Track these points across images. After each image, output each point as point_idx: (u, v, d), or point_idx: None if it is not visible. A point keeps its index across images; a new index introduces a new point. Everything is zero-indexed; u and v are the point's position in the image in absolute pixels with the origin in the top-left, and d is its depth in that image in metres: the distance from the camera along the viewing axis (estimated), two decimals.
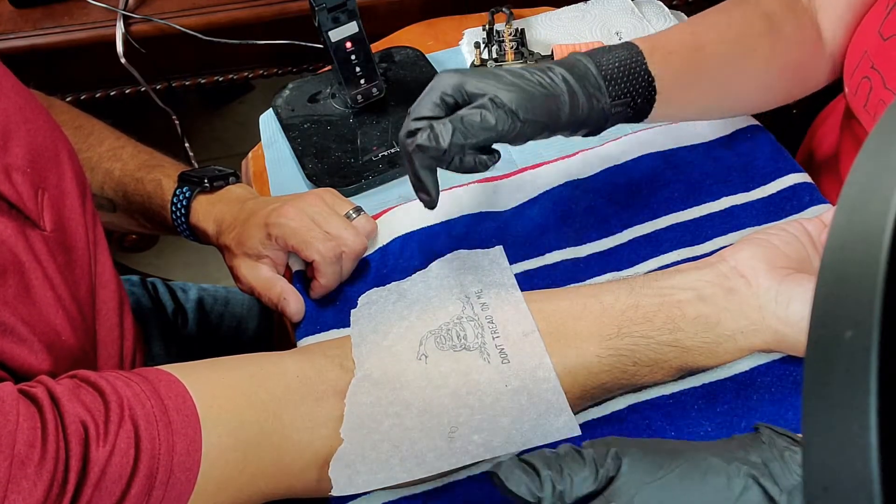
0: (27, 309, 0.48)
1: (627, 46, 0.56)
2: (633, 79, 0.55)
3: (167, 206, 0.70)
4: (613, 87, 0.55)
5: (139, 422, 0.42)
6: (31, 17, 1.00)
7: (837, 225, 0.19)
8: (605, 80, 0.54)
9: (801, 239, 0.54)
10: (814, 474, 0.18)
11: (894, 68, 0.57)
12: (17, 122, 0.53)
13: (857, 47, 0.61)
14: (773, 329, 0.50)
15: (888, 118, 0.19)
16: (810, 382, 0.18)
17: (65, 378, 0.44)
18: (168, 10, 1.00)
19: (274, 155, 0.79)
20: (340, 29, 0.72)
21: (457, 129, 0.49)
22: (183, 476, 0.43)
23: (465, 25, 0.89)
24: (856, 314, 0.17)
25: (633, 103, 0.56)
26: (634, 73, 0.55)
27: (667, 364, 0.51)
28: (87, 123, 0.74)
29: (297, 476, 0.49)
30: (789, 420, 0.52)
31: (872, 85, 0.59)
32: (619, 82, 0.55)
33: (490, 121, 0.50)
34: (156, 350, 0.83)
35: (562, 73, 0.53)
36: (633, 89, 0.55)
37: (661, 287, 0.53)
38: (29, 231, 0.50)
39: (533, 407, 0.49)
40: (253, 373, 0.50)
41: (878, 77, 0.58)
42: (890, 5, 0.58)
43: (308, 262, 0.63)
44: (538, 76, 0.52)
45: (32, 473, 0.38)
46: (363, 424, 0.49)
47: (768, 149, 0.70)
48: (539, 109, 0.51)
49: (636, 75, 0.55)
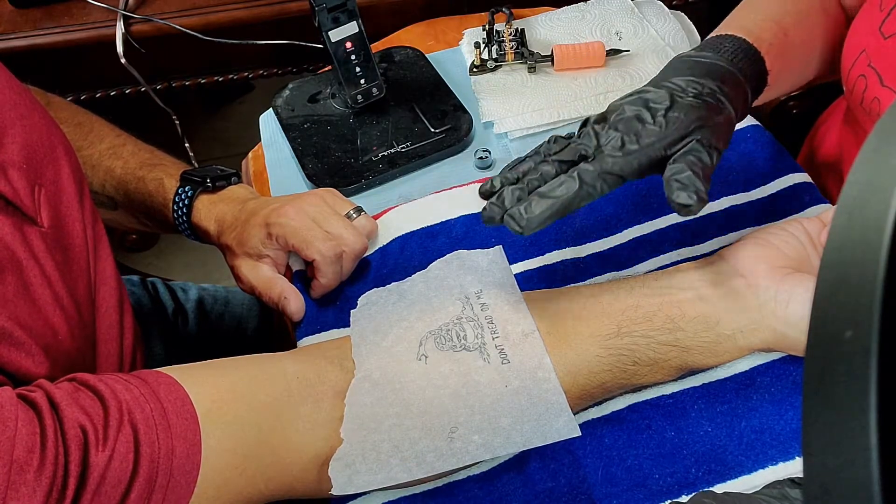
0: (25, 308, 0.48)
1: (747, 46, 0.56)
2: (759, 78, 0.56)
3: (169, 204, 0.70)
4: (752, 87, 0.56)
5: (138, 426, 0.42)
6: (31, 17, 1.00)
7: (837, 225, 0.19)
8: (749, 83, 0.55)
9: (801, 239, 0.54)
10: (814, 474, 0.18)
11: (893, 66, 0.57)
12: (13, 119, 0.52)
13: (854, 45, 0.62)
14: (772, 328, 0.50)
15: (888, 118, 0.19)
16: (810, 382, 0.18)
17: (63, 382, 0.44)
18: (168, 10, 1.00)
19: (274, 155, 0.79)
20: (340, 29, 0.72)
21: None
22: (183, 479, 0.43)
23: (465, 25, 0.89)
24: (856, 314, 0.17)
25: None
26: (760, 76, 0.56)
27: (667, 364, 0.51)
28: (87, 120, 0.74)
29: (298, 477, 0.49)
30: (789, 420, 0.52)
31: (868, 83, 0.59)
32: (752, 85, 0.56)
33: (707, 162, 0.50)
34: (156, 350, 0.83)
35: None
36: (756, 86, 0.57)
37: (660, 287, 0.53)
38: (26, 228, 0.50)
39: (533, 407, 0.49)
40: (252, 374, 0.50)
41: (875, 75, 0.58)
42: (892, 4, 0.58)
43: (308, 261, 0.63)
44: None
45: (32, 479, 0.37)
46: (363, 425, 0.49)
47: (768, 149, 0.70)
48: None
49: (761, 76, 0.56)
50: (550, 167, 0.50)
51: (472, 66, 0.83)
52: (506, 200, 0.49)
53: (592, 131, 0.51)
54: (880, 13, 0.59)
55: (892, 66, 0.57)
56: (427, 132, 0.76)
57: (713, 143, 0.50)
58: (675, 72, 0.53)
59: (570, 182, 0.48)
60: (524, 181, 0.50)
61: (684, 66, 0.54)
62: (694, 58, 0.54)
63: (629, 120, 0.50)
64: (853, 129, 0.67)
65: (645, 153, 0.49)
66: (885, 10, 0.59)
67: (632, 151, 0.49)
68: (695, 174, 0.47)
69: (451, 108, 0.78)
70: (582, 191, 0.48)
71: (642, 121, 0.50)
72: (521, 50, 0.82)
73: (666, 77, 0.53)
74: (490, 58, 0.82)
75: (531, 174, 0.51)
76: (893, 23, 0.58)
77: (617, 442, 0.53)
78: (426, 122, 0.77)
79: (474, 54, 0.83)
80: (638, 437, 0.53)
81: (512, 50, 0.82)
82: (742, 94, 0.54)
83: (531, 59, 0.81)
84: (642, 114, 0.50)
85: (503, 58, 0.82)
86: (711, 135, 0.50)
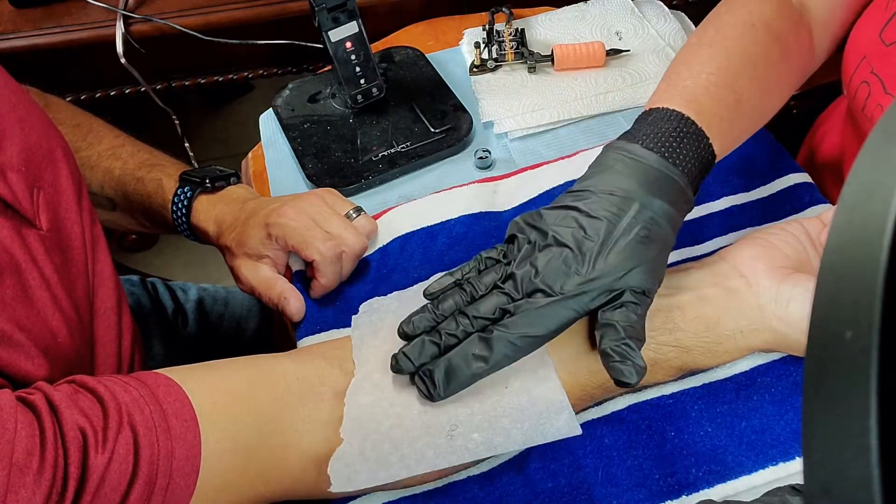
0: (24, 310, 0.48)
1: (692, 130, 0.51)
2: (703, 168, 0.52)
3: (168, 205, 0.70)
4: (693, 187, 0.52)
5: (138, 428, 0.42)
6: (31, 17, 1.00)
7: (837, 225, 0.19)
8: (691, 185, 0.51)
9: (801, 239, 0.54)
10: (814, 474, 0.18)
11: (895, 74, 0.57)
12: (11, 121, 0.52)
13: (856, 51, 0.62)
14: (772, 329, 0.50)
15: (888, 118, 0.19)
16: (810, 382, 0.18)
17: (63, 384, 0.44)
18: (168, 10, 1.00)
19: (274, 155, 0.79)
20: (340, 29, 0.72)
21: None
22: (182, 481, 0.43)
23: (465, 25, 0.89)
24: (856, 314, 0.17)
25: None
26: (704, 165, 0.52)
27: (667, 364, 0.51)
28: (86, 121, 0.74)
29: (298, 478, 0.49)
30: (789, 420, 0.52)
31: (871, 90, 0.59)
32: (695, 181, 0.52)
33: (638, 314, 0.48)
34: (156, 350, 0.83)
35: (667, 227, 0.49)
36: (699, 178, 0.52)
37: (660, 287, 0.53)
38: (25, 231, 0.50)
39: (533, 406, 0.49)
40: (252, 375, 0.50)
41: (878, 82, 0.58)
42: (892, 11, 0.58)
43: (308, 261, 0.63)
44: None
45: (31, 481, 0.37)
46: (363, 425, 0.49)
47: (768, 149, 0.70)
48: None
49: (705, 166, 0.52)
50: (468, 322, 0.49)
51: (472, 66, 0.83)
52: (421, 356, 0.49)
53: (523, 269, 0.49)
54: (881, 20, 0.59)
55: (895, 74, 0.57)
56: (427, 132, 0.76)
57: (647, 287, 0.47)
58: (618, 177, 0.49)
59: (482, 363, 0.47)
60: (442, 334, 0.49)
61: (631, 171, 0.49)
62: (637, 158, 0.50)
63: (555, 262, 0.48)
64: (854, 131, 0.67)
65: (570, 306, 0.47)
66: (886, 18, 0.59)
67: (554, 305, 0.47)
68: (630, 341, 0.45)
69: (451, 108, 0.78)
70: (495, 367, 0.47)
71: (568, 265, 0.47)
72: (521, 50, 0.82)
73: (607, 182, 0.49)
74: (490, 58, 0.82)
75: (448, 326, 0.49)
76: (894, 30, 0.58)
77: (617, 442, 0.53)
78: (426, 122, 0.77)
79: (474, 54, 0.83)
80: (638, 438, 0.53)
81: (512, 50, 0.82)
82: (685, 209, 0.51)
83: (531, 59, 0.81)
84: (568, 259, 0.47)
85: (503, 58, 0.82)
86: (646, 276, 0.47)
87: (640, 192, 0.48)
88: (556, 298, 0.47)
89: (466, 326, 0.49)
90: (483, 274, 0.51)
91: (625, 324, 0.46)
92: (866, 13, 0.62)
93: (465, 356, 0.47)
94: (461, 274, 0.52)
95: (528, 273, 0.48)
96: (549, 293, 0.47)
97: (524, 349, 0.47)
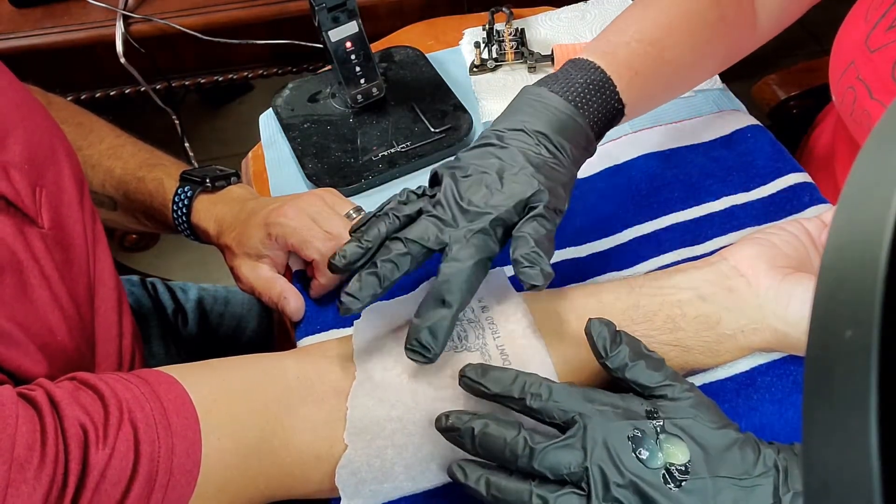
0: (23, 309, 0.48)
1: (600, 79, 0.55)
2: (609, 115, 0.56)
3: (168, 204, 0.70)
4: (597, 130, 0.56)
5: (138, 424, 0.42)
6: (31, 17, 1.00)
7: (837, 225, 0.19)
8: (593, 128, 0.55)
9: (801, 238, 0.54)
10: (814, 474, 0.18)
11: (880, 80, 0.57)
12: (15, 120, 0.53)
13: (842, 57, 0.62)
14: (773, 328, 0.50)
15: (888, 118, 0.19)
16: (810, 382, 0.18)
17: (64, 380, 0.44)
18: (168, 10, 1.00)
19: (274, 155, 0.79)
20: (340, 29, 0.72)
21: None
22: (183, 479, 0.43)
23: (465, 25, 0.89)
24: (856, 314, 0.17)
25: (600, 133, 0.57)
26: (610, 113, 0.56)
27: (668, 363, 0.51)
28: (87, 120, 0.74)
29: (298, 477, 0.49)
30: (789, 419, 0.52)
31: (857, 95, 0.59)
32: (600, 125, 0.56)
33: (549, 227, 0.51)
34: (156, 350, 0.83)
35: (570, 154, 0.54)
36: (606, 123, 0.56)
37: (661, 286, 0.53)
38: (27, 229, 0.50)
39: None
40: (253, 374, 0.50)
41: (864, 88, 0.58)
42: (876, 18, 0.58)
43: (308, 261, 0.63)
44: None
45: (32, 477, 0.38)
46: (367, 428, 0.49)
47: (768, 149, 0.70)
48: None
49: (611, 113, 0.56)
50: (401, 245, 0.51)
51: (472, 65, 0.83)
52: (363, 289, 0.50)
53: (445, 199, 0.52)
54: (865, 26, 0.59)
55: (880, 80, 0.57)
56: (427, 132, 0.76)
57: (556, 205, 0.51)
58: (527, 117, 0.54)
59: (446, 287, 0.49)
60: (378, 263, 0.50)
61: (538, 112, 0.54)
62: (545, 102, 0.54)
63: (477, 186, 0.52)
64: (844, 133, 0.67)
65: (494, 215, 0.50)
66: (871, 24, 0.59)
67: (484, 216, 0.50)
68: (539, 249, 0.48)
69: (451, 107, 0.78)
70: (457, 284, 0.49)
71: (489, 187, 0.51)
72: (522, 50, 0.82)
73: (517, 121, 0.54)
74: (490, 57, 0.82)
75: (382, 254, 0.51)
76: (879, 36, 0.58)
77: None
78: (426, 122, 0.77)
79: (474, 54, 0.83)
80: None
81: (512, 50, 0.82)
82: (587, 152, 0.56)
83: (531, 59, 0.81)
84: (488, 181, 0.51)
85: (503, 57, 0.82)
86: (555, 196, 0.51)
87: (546, 130, 0.53)
88: (482, 210, 0.50)
89: (399, 249, 0.50)
90: (407, 206, 0.54)
91: (535, 235, 0.49)
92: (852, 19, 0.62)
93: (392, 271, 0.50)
94: (384, 207, 0.54)
95: (454, 196, 0.52)
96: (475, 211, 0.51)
97: (478, 246, 0.50)
